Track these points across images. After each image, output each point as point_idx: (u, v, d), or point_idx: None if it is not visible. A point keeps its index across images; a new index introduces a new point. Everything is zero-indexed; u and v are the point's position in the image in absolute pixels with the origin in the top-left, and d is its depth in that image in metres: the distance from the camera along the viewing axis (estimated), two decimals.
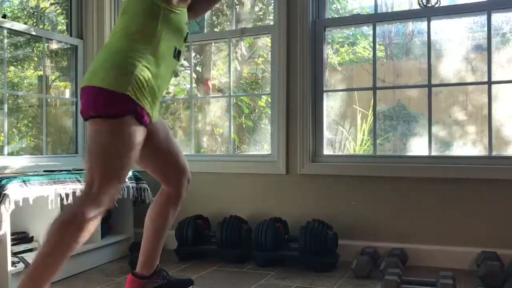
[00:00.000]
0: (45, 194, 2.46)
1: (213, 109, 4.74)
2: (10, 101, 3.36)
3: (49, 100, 3.66)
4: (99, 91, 1.72)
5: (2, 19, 3.03)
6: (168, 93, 4.70)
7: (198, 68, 4.75)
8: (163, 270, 2.25)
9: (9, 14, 3.38)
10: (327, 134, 3.19)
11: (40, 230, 2.61)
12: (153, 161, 2.08)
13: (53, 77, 3.86)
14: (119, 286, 2.49)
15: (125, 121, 1.73)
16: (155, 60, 1.81)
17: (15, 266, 2.35)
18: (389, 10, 3.56)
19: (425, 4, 2.93)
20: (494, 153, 2.81)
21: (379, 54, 4.02)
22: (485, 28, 2.83)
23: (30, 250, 2.55)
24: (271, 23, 3.50)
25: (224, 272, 2.75)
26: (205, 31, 3.44)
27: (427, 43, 2.92)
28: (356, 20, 3.29)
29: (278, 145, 3.11)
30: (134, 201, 3.23)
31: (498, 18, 3.34)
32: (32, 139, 3.68)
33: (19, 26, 3.19)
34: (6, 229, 2.24)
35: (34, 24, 3.53)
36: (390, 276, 2.23)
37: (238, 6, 4.69)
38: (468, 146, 3.90)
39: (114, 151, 1.74)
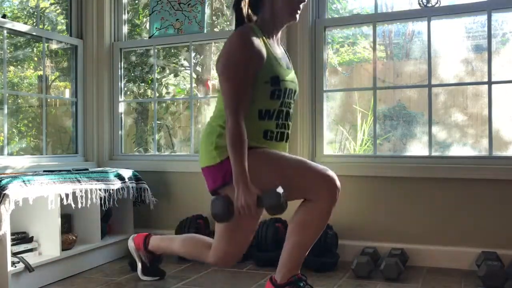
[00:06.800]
0: (45, 194, 2.46)
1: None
2: (10, 101, 3.36)
3: (49, 100, 3.66)
4: None
5: (2, 19, 3.04)
6: (168, 93, 4.69)
7: (198, 68, 4.74)
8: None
9: (9, 14, 3.38)
10: (327, 134, 3.19)
11: (40, 230, 2.61)
12: None
13: (53, 77, 3.86)
14: (119, 286, 2.48)
15: None
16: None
17: (15, 266, 2.35)
18: (389, 10, 3.55)
19: (425, 4, 2.93)
20: (494, 153, 2.81)
21: (379, 54, 4.02)
22: (485, 28, 2.83)
23: (30, 250, 2.55)
24: None
25: (224, 272, 2.74)
26: (205, 31, 3.43)
27: (427, 43, 2.92)
28: (356, 20, 3.29)
29: None
30: (134, 201, 3.24)
31: (498, 18, 3.34)
32: (32, 139, 3.68)
33: (19, 26, 3.19)
34: (6, 229, 2.24)
35: (34, 24, 3.53)
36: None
37: None
38: (468, 146, 3.89)
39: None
